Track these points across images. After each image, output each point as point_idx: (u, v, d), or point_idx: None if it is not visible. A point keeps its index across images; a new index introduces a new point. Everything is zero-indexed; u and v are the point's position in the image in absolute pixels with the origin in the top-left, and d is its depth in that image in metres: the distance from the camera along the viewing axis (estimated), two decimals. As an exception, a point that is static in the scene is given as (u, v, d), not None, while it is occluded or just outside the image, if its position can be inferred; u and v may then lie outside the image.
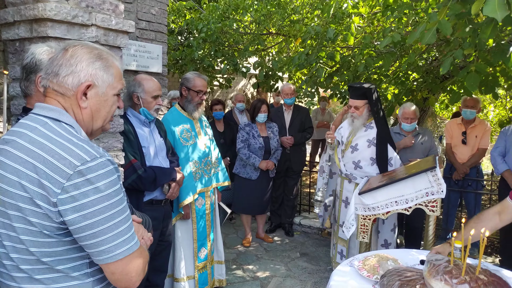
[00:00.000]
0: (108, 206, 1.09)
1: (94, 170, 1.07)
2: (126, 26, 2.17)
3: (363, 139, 3.42)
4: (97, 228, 1.07)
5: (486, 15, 2.15)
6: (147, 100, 2.59)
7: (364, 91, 3.38)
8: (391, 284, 1.81)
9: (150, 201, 2.60)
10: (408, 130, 4.07)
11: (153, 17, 3.61)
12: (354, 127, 3.48)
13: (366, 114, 3.43)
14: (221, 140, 5.03)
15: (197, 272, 3.08)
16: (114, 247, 1.10)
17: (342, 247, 3.60)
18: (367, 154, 3.39)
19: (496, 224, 2.11)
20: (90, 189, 1.06)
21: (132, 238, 1.15)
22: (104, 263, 1.11)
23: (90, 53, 1.20)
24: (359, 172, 3.42)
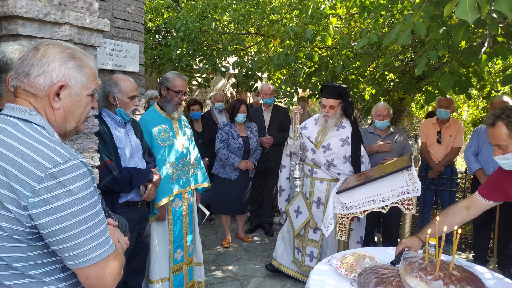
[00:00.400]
0: (82, 209, 1.06)
1: (67, 172, 1.05)
2: (100, 24, 2.13)
3: (335, 138, 3.44)
4: (70, 231, 1.05)
5: (459, 18, 2.21)
6: (123, 101, 2.55)
7: (341, 91, 3.42)
8: (368, 281, 1.83)
9: (126, 203, 2.56)
10: (381, 128, 4.14)
11: (130, 16, 3.55)
12: (327, 127, 3.46)
13: (339, 114, 3.46)
14: (200, 141, 5.00)
15: (172, 274, 3.04)
16: (88, 251, 1.08)
17: (312, 249, 3.56)
18: (341, 153, 3.41)
19: (463, 218, 2.19)
20: (62, 192, 1.03)
21: (107, 242, 1.12)
22: (78, 267, 1.09)
23: (62, 52, 1.17)
24: (333, 169, 3.42)
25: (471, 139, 4.15)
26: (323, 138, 3.49)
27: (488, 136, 1.95)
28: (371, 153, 4.10)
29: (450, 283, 1.65)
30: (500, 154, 1.90)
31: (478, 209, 2.18)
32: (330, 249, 3.48)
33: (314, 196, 3.54)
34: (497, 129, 1.86)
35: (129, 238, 2.52)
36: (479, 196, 2.17)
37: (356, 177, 3.19)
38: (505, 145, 1.86)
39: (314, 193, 3.52)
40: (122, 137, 2.57)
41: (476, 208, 2.18)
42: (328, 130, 3.46)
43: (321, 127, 3.51)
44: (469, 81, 4.31)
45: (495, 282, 2.05)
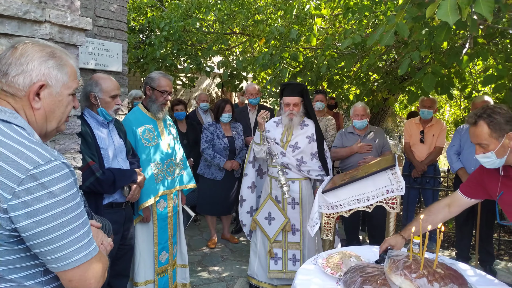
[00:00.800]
0: (64, 211, 1.04)
1: (48, 173, 1.03)
2: (82, 23, 2.08)
3: (302, 136, 3.43)
4: (52, 234, 1.03)
5: (440, 19, 2.25)
6: (105, 100, 2.51)
7: (302, 89, 3.42)
8: (353, 280, 1.84)
9: (110, 204, 2.52)
10: (359, 127, 4.19)
11: (112, 14, 3.50)
12: (292, 125, 3.42)
13: (302, 112, 3.44)
14: (184, 141, 4.96)
15: (157, 276, 3.00)
16: (71, 253, 1.06)
17: (294, 252, 3.47)
18: (308, 150, 3.42)
19: (445, 215, 2.23)
20: (44, 193, 1.01)
21: (90, 244, 1.11)
22: (60, 270, 1.07)
23: (42, 51, 1.15)
24: (303, 167, 3.41)
25: (453, 139, 4.22)
26: (289, 138, 3.44)
27: (470, 135, 1.99)
28: (352, 153, 4.14)
29: (434, 280, 1.67)
30: (481, 152, 1.93)
31: (460, 207, 2.23)
32: (308, 250, 3.48)
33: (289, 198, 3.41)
34: (479, 128, 1.90)
35: (113, 240, 2.49)
36: (460, 194, 2.20)
37: (341, 177, 3.21)
38: (486, 144, 1.89)
39: (294, 197, 3.44)
40: (105, 138, 2.52)
41: (458, 206, 2.22)
42: (293, 129, 3.44)
43: (285, 127, 3.46)
44: (451, 81, 4.39)
45: (477, 279, 2.09)
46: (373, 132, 4.26)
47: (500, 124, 1.85)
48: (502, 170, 2.00)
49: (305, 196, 3.46)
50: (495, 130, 1.86)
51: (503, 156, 1.88)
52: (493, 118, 1.86)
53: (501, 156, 1.88)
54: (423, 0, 2.81)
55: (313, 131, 3.45)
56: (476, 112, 1.93)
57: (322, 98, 4.85)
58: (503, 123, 1.85)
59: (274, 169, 3.44)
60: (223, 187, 4.48)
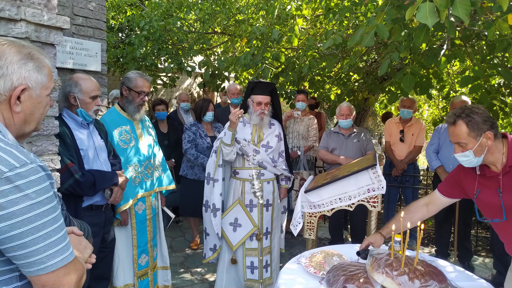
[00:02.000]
0: (39, 214, 1.02)
1: (24, 176, 1.00)
2: (60, 22, 2.04)
3: (271, 135, 3.37)
4: (27, 238, 1.00)
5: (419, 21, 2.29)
6: (84, 101, 2.45)
7: (273, 88, 3.34)
8: (336, 279, 1.86)
9: (89, 207, 2.47)
10: (344, 127, 4.24)
11: (91, 13, 3.43)
12: (263, 125, 3.29)
13: (270, 111, 3.36)
14: (165, 142, 4.91)
15: (137, 280, 2.96)
16: (46, 258, 1.03)
17: (267, 257, 3.31)
18: (277, 149, 3.41)
19: (423, 214, 2.28)
20: (19, 196, 0.99)
21: (66, 249, 1.08)
22: (34, 275, 1.04)
23: (19, 52, 1.13)
24: (274, 168, 3.35)
25: (432, 138, 4.30)
26: (261, 137, 3.32)
27: (449, 134, 2.03)
28: (336, 163, 4.17)
29: (414, 277, 1.70)
30: (460, 151, 1.98)
31: (438, 206, 2.28)
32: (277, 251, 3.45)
33: (263, 199, 3.31)
34: (458, 128, 1.94)
35: (92, 243, 2.44)
36: (438, 193, 2.26)
37: (324, 176, 3.24)
38: (465, 143, 1.94)
39: (264, 196, 3.29)
40: (84, 139, 2.47)
41: (436, 205, 2.27)
42: (263, 128, 3.34)
43: (253, 127, 3.31)
44: (430, 82, 4.48)
45: (456, 275, 2.14)
46: (357, 132, 4.31)
47: (478, 124, 1.90)
48: (478, 169, 2.05)
49: (276, 197, 3.41)
50: (473, 130, 1.91)
51: (480, 155, 1.94)
52: (471, 118, 1.91)
53: (479, 155, 1.94)
54: (402, 3, 2.86)
55: (280, 130, 3.44)
56: (455, 112, 1.98)
57: (304, 98, 4.87)
58: (481, 123, 1.90)
59: (247, 172, 3.27)
60: (205, 188, 4.43)
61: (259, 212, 3.28)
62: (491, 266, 4.10)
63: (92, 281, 2.55)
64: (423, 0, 2.19)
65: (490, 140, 1.91)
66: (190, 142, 4.34)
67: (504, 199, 1.95)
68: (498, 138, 1.96)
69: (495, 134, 1.93)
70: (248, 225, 3.26)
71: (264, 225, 3.30)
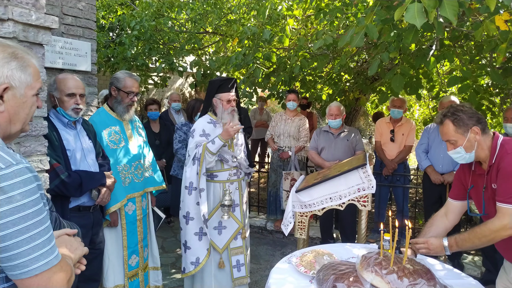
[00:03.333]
0: (24, 217, 1.00)
1: (9, 178, 0.99)
2: (48, 21, 2.02)
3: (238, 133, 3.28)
4: (11, 240, 0.99)
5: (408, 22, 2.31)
6: (61, 99, 2.43)
7: (234, 81, 3.24)
8: (326, 278, 1.87)
9: (77, 208, 2.45)
10: (334, 126, 4.27)
11: (80, 12, 3.41)
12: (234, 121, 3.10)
13: None
14: (156, 142, 4.89)
15: (127, 281, 2.95)
16: (30, 261, 1.02)
17: (238, 257, 3.29)
18: (243, 144, 3.36)
19: (446, 225, 2.27)
20: (3, 198, 0.98)
21: (52, 252, 1.07)
22: (18, 278, 1.03)
23: (3, 52, 1.12)
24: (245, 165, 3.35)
25: (421, 137, 4.34)
26: (234, 137, 3.16)
27: (440, 133, 2.10)
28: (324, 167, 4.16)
29: (403, 276, 1.72)
30: (452, 149, 2.04)
31: (455, 213, 2.27)
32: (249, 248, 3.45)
33: (244, 197, 3.34)
34: (445, 126, 2.02)
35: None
36: (450, 200, 2.30)
37: (314, 176, 3.25)
38: (455, 140, 2.01)
39: (244, 194, 3.33)
40: (71, 139, 2.45)
41: (453, 212, 2.28)
42: None
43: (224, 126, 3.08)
44: (419, 82, 4.52)
45: (445, 273, 2.16)
46: (347, 131, 4.33)
47: (464, 120, 1.98)
48: (473, 166, 2.12)
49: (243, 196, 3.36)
50: (460, 126, 1.98)
51: (471, 151, 2.00)
52: (456, 116, 1.99)
53: (470, 150, 2.00)
54: (391, 3, 2.88)
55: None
56: (442, 112, 2.06)
57: (294, 98, 4.88)
58: (466, 119, 1.98)
59: (225, 173, 3.18)
60: (197, 188, 4.41)
61: (241, 210, 3.29)
62: (480, 264, 4.15)
63: (81, 283, 2.52)
64: (412, 0, 2.21)
65: (478, 135, 1.97)
66: (181, 142, 4.32)
67: (485, 195, 2.04)
68: (487, 134, 2.01)
69: (483, 129, 1.99)
70: (233, 225, 3.24)
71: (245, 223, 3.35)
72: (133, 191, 2.94)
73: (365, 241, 2.99)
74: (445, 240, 2.06)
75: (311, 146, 4.42)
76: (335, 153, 4.21)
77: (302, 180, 3.32)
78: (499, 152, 1.96)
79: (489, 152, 2.00)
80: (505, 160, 1.91)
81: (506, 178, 1.89)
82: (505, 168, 1.90)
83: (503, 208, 1.90)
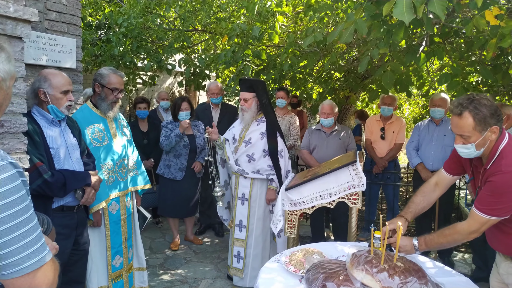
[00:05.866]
0: (13, 214, 0.97)
1: None
2: (27, 14, 1.94)
3: (256, 132, 3.46)
4: (1, 239, 0.96)
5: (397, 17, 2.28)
6: (55, 96, 2.35)
7: (251, 84, 3.44)
8: (316, 277, 1.82)
9: (60, 208, 2.37)
10: (326, 125, 4.22)
11: (65, 8, 3.32)
12: (244, 121, 3.50)
13: (255, 108, 3.47)
14: (145, 141, 4.81)
15: (111, 282, 2.88)
16: (22, 260, 0.98)
17: (239, 248, 3.55)
18: (260, 146, 3.43)
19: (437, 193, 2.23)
20: None
21: (43, 249, 1.04)
22: (8, 278, 0.98)
23: None
24: (252, 165, 3.45)
25: (412, 135, 4.33)
26: (245, 134, 3.50)
27: (452, 124, 1.93)
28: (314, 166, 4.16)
29: (394, 274, 1.68)
30: (461, 143, 1.90)
31: (443, 186, 2.22)
32: (254, 249, 3.49)
33: (239, 193, 3.52)
34: (463, 120, 1.84)
35: (65, 245, 2.35)
36: (444, 172, 2.21)
37: (304, 174, 3.21)
38: (468, 136, 1.86)
39: (239, 189, 3.51)
40: (55, 137, 2.37)
41: (441, 184, 2.22)
42: (248, 125, 3.49)
43: (243, 123, 3.54)
44: (409, 79, 4.50)
45: (436, 271, 2.13)
46: (339, 129, 4.28)
47: (486, 118, 1.81)
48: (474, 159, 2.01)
49: (254, 194, 3.47)
50: (480, 124, 1.82)
51: (481, 149, 1.88)
52: (479, 111, 1.81)
53: (480, 148, 1.87)
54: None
55: (265, 128, 3.45)
56: (461, 102, 1.87)
57: (283, 95, 4.83)
58: (488, 117, 1.81)
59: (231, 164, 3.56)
60: (184, 188, 4.32)
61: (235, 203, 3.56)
62: (471, 261, 4.16)
63: (64, 285, 2.45)
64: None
65: (495, 135, 1.84)
66: (166, 136, 4.22)
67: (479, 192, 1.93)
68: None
69: (500, 128, 1.85)
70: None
71: (237, 217, 3.52)
72: (117, 190, 2.88)
73: (355, 239, 2.95)
74: (415, 240, 2.02)
75: (303, 145, 4.37)
76: (327, 152, 4.16)
77: (292, 178, 3.28)
78: (496, 160, 1.85)
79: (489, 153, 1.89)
80: (497, 177, 1.81)
81: (492, 192, 1.82)
82: (494, 183, 1.81)
83: (477, 215, 1.85)
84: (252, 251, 3.49)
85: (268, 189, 3.46)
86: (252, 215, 3.47)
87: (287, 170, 3.51)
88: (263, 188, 3.49)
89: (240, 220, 3.51)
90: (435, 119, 4.13)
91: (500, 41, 2.60)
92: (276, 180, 3.42)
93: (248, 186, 3.47)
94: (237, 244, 3.56)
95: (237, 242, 3.56)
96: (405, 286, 1.66)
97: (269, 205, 3.51)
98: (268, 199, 3.47)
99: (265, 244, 3.54)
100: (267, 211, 3.52)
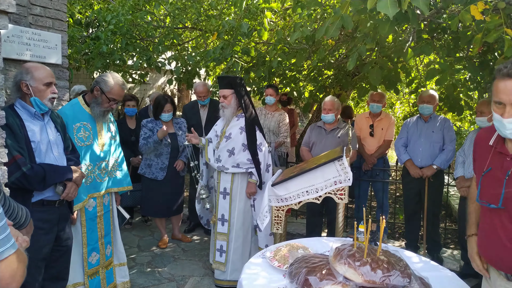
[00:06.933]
0: None
1: None
2: (4, 4, 1.91)
3: (235, 127, 3.51)
4: None
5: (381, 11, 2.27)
6: (38, 88, 2.31)
7: (229, 81, 3.51)
8: (298, 271, 1.81)
9: (40, 202, 2.33)
10: (326, 121, 4.13)
11: (50, 3, 3.27)
12: (225, 117, 3.57)
13: (235, 103, 3.53)
14: (132, 138, 4.77)
15: (87, 278, 2.85)
16: None
17: (222, 242, 3.56)
18: (240, 140, 3.46)
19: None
20: None
21: (8, 240, 1.01)
22: None
23: None
24: (231, 159, 3.48)
25: (401, 132, 4.33)
26: (225, 129, 3.56)
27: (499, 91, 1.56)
28: None
29: (377, 267, 1.67)
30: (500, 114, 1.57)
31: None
32: (234, 241, 3.51)
33: (220, 187, 3.56)
34: None
35: (46, 240, 2.31)
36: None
37: (291, 170, 3.19)
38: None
39: (221, 184, 3.56)
40: (37, 131, 2.33)
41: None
42: (229, 121, 3.55)
43: (224, 119, 3.61)
44: (398, 75, 4.51)
45: (422, 266, 2.13)
46: (341, 128, 4.21)
47: None
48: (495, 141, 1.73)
49: (235, 188, 3.52)
50: None
51: None
52: None
53: None
54: (367, -7, 2.84)
55: (244, 123, 3.48)
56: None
57: (272, 93, 4.80)
58: None
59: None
60: (167, 187, 4.26)
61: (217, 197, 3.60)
62: (459, 257, 4.17)
63: (47, 281, 2.41)
64: (385, -12, 2.17)
65: None
66: (145, 139, 4.14)
67: (508, 183, 1.62)
68: None
69: None
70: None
71: (219, 212, 3.56)
72: (94, 190, 2.88)
73: (342, 234, 2.94)
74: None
75: (304, 142, 4.33)
76: (323, 149, 4.08)
77: (279, 174, 3.26)
78: None
79: None
80: None
81: None
82: None
83: None
84: (233, 245, 3.50)
85: (248, 183, 3.49)
86: (233, 209, 3.50)
87: (267, 164, 3.54)
88: (244, 182, 3.51)
89: (222, 214, 3.54)
90: (423, 116, 4.13)
91: (486, 36, 2.61)
92: (256, 173, 3.45)
93: (229, 181, 3.51)
94: (220, 238, 3.56)
95: (220, 236, 3.57)
96: (388, 280, 1.65)
97: (250, 199, 3.54)
98: (248, 193, 3.50)
99: (246, 238, 3.54)
100: (248, 205, 3.55)
